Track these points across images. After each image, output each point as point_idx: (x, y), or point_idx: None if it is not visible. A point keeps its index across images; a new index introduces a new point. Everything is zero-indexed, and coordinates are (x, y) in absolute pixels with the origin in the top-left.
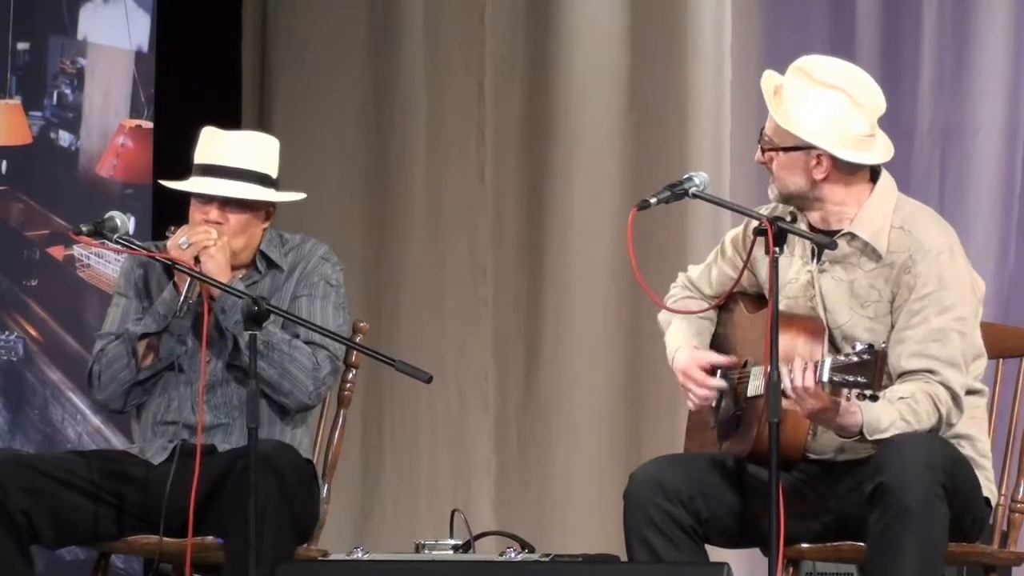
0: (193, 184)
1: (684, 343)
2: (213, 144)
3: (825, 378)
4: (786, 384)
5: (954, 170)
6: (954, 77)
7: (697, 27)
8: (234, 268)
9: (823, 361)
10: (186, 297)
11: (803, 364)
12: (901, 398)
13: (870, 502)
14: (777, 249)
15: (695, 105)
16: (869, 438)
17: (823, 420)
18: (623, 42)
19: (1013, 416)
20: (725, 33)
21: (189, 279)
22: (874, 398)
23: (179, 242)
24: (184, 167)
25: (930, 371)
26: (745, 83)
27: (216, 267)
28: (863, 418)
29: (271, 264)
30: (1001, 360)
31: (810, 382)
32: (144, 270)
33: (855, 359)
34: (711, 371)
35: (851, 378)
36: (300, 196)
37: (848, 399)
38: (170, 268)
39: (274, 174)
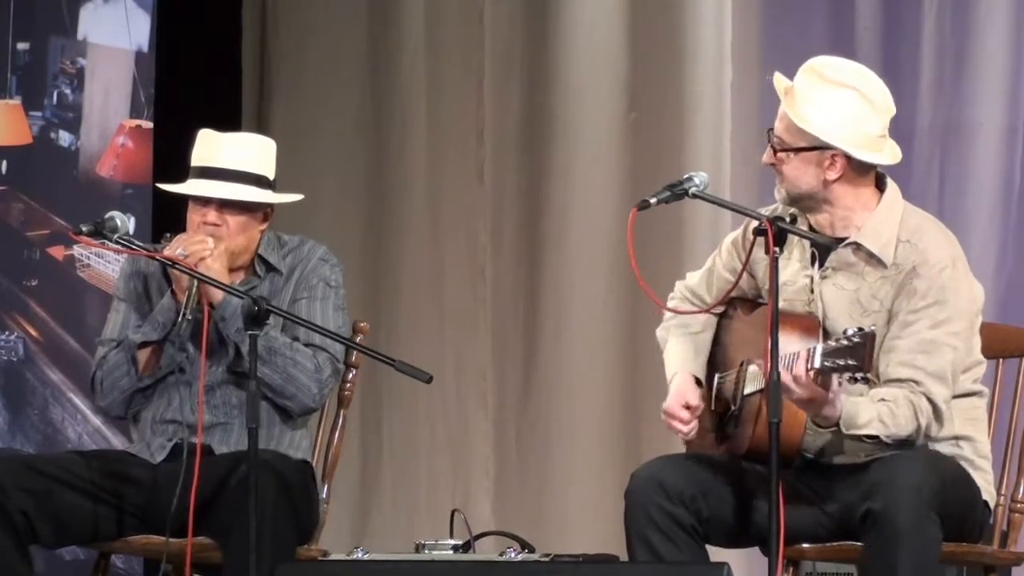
0: (191, 187)
1: (680, 367)
2: (210, 146)
3: (817, 364)
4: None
5: (954, 170)
6: (954, 77)
7: (697, 27)
8: (233, 271)
9: (815, 348)
10: (183, 312)
11: (794, 353)
12: (883, 399)
13: (862, 525)
14: (777, 249)
15: (695, 105)
16: (845, 431)
17: (806, 408)
18: (623, 42)
19: (1013, 416)
20: (725, 33)
21: (187, 293)
22: (866, 380)
23: (176, 252)
24: (184, 167)
25: (915, 381)
26: (745, 83)
27: (213, 276)
28: (842, 411)
29: (269, 268)
30: (1001, 360)
31: (800, 371)
32: (143, 275)
33: (845, 342)
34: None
35: (842, 361)
36: (298, 197)
37: (840, 384)
38: (168, 273)
39: (271, 175)
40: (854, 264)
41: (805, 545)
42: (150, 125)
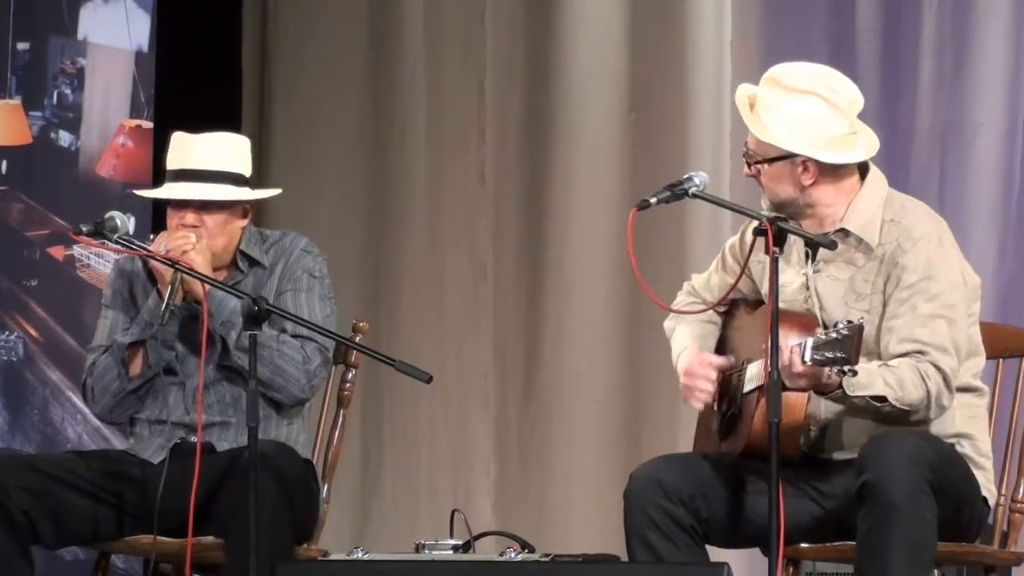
0: (167, 190)
1: (688, 344)
2: (184, 148)
3: (808, 357)
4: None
5: (954, 170)
6: (953, 77)
7: (697, 27)
8: (216, 269)
9: (806, 342)
10: (167, 304)
11: (788, 347)
12: (885, 365)
13: (857, 500)
14: (777, 249)
15: (695, 105)
16: (850, 393)
17: (806, 388)
18: (623, 42)
19: (1013, 416)
20: (725, 33)
21: (169, 287)
22: (853, 373)
23: (159, 249)
24: None
25: (919, 352)
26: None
27: (197, 270)
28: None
29: (253, 262)
30: (1001, 360)
31: (796, 364)
32: (128, 279)
33: (834, 335)
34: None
35: (830, 354)
36: (275, 192)
37: (829, 378)
38: (152, 274)
39: (247, 172)
40: (842, 252)
41: (805, 545)
42: (150, 125)
